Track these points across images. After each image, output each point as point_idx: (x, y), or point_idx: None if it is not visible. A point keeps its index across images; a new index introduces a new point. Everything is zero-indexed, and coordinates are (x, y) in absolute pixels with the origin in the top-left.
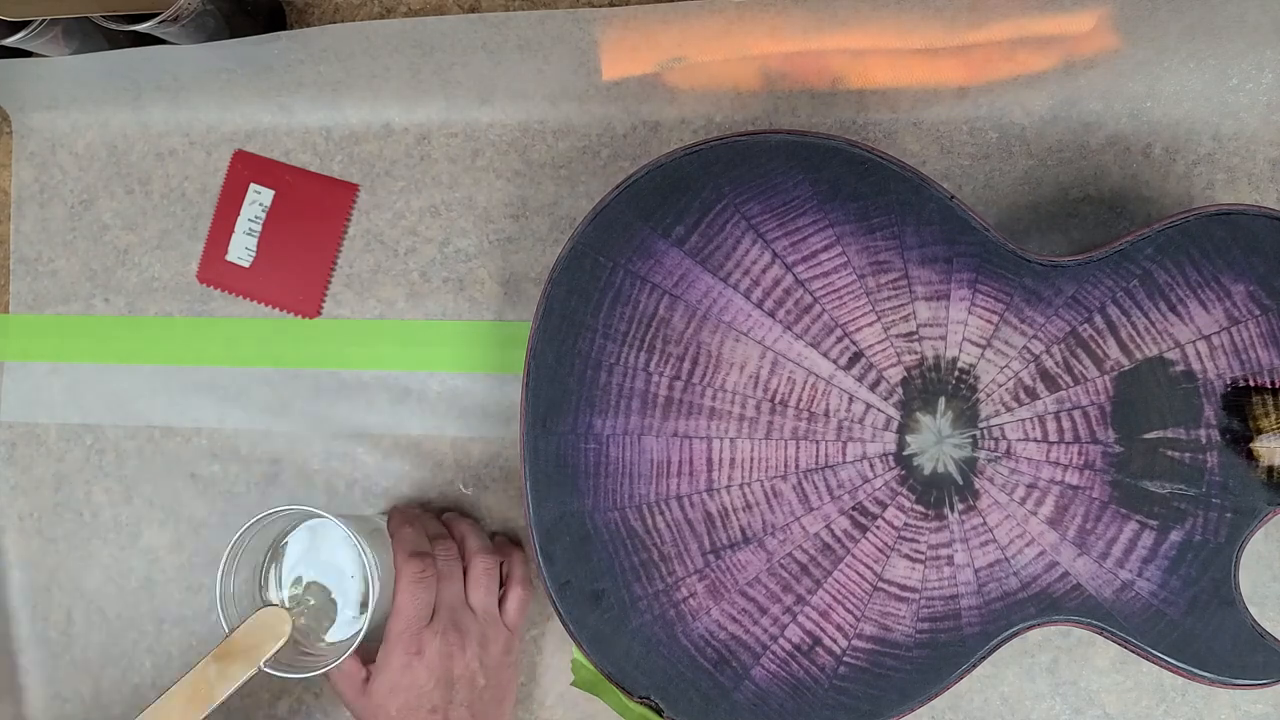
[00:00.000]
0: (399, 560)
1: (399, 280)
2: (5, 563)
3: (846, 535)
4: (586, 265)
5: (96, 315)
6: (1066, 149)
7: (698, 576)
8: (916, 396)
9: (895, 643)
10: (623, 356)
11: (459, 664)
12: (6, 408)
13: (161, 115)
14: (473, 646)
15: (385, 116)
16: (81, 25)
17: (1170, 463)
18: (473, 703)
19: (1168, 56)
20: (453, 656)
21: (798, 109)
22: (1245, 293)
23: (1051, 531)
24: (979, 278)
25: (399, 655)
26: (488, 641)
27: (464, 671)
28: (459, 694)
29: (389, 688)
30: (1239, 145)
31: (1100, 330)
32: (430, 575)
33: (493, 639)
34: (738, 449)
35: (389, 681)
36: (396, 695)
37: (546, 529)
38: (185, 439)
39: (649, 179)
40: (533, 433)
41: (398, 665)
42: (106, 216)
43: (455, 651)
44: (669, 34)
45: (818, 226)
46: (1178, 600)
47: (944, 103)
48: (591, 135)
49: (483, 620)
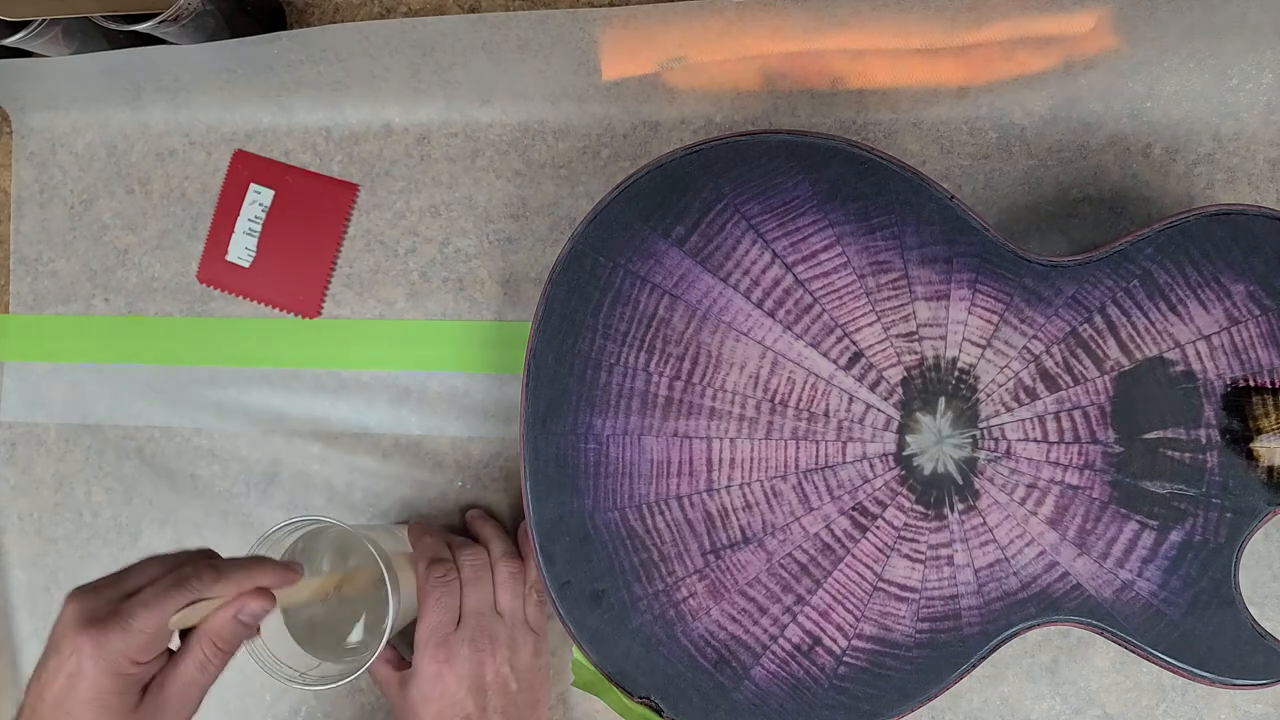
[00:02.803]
0: (420, 568)
1: (399, 280)
2: (5, 563)
3: (846, 535)
4: (586, 265)
5: (96, 315)
6: (1066, 149)
7: (698, 576)
8: (916, 396)
9: (895, 643)
10: (623, 356)
11: (490, 670)
12: (6, 408)
13: (161, 115)
14: (503, 651)
15: (385, 116)
16: (81, 25)
17: (1170, 463)
18: (507, 708)
19: (1168, 56)
20: (484, 663)
21: (798, 109)
22: (1245, 293)
23: (1051, 531)
24: (979, 278)
25: (429, 664)
26: (517, 646)
27: (495, 678)
28: (492, 700)
29: (422, 696)
30: (1239, 145)
31: (1100, 330)
32: (453, 580)
33: (522, 643)
34: (738, 449)
35: (422, 690)
36: (430, 704)
37: (546, 529)
38: (185, 439)
39: (649, 179)
40: (533, 433)
41: (429, 674)
42: (106, 216)
43: (486, 658)
44: (669, 34)
45: (818, 226)
46: (1178, 600)
47: (944, 103)
48: (591, 135)
49: (511, 625)
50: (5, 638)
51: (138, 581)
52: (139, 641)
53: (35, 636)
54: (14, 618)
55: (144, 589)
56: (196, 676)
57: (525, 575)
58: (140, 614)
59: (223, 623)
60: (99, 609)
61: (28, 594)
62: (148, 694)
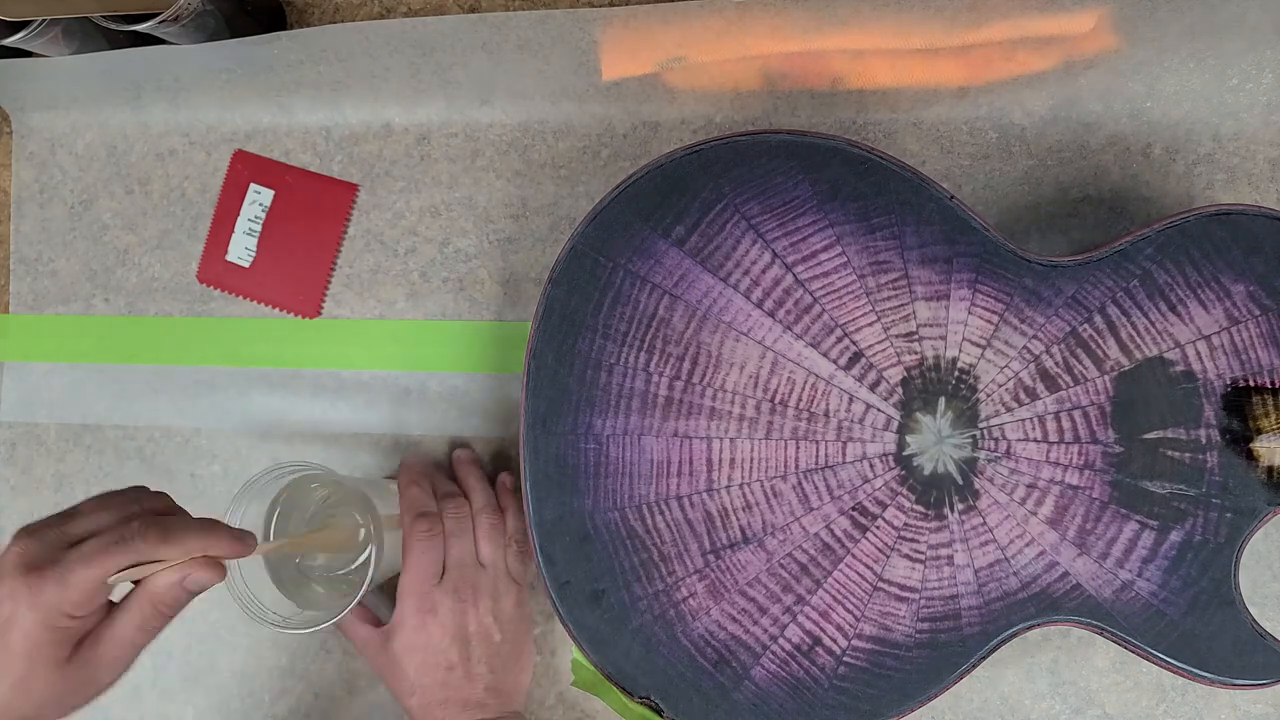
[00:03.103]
0: (406, 520)
1: (399, 280)
2: None
3: (846, 535)
4: (586, 265)
5: (96, 315)
6: (1066, 149)
7: (698, 576)
8: (916, 396)
9: (895, 643)
10: (623, 356)
11: (472, 620)
12: (6, 408)
13: (161, 115)
14: (485, 602)
15: (385, 116)
16: (81, 25)
17: (1170, 463)
18: (490, 658)
19: (1168, 56)
20: (466, 613)
21: (798, 109)
22: (1245, 293)
23: (1051, 531)
24: (979, 278)
25: (412, 615)
26: (500, 596)
27: (478, 628)
28: (475, 649)
29: (405, 647)
30: (1239, 145)
31: (1100, 330)
32: (438, 534)
33: (504, 593)
34: (738, 449)
35: (405, 641)
36: (414, 654)
37: (546, 529)
38: (185, 439)
39: (649, 179)
40: (533, 433)
41: (412, 625)
42: (106, 216)
43: (469, 608)
44: (669, 34)
45: (818, 226)
46: (1178, 600)
47: (944, 103)
48: (591, 135)
49: (494, 575)
50: None
51: (84, 528)
52: (75, 596)
53: None
54: None
55: (87, 541)
56: (133, 637)
57: (505, 526)
58: (78, 569)
59: (167, 587)
60: (39, 555)
61: None
62: (82, 647)
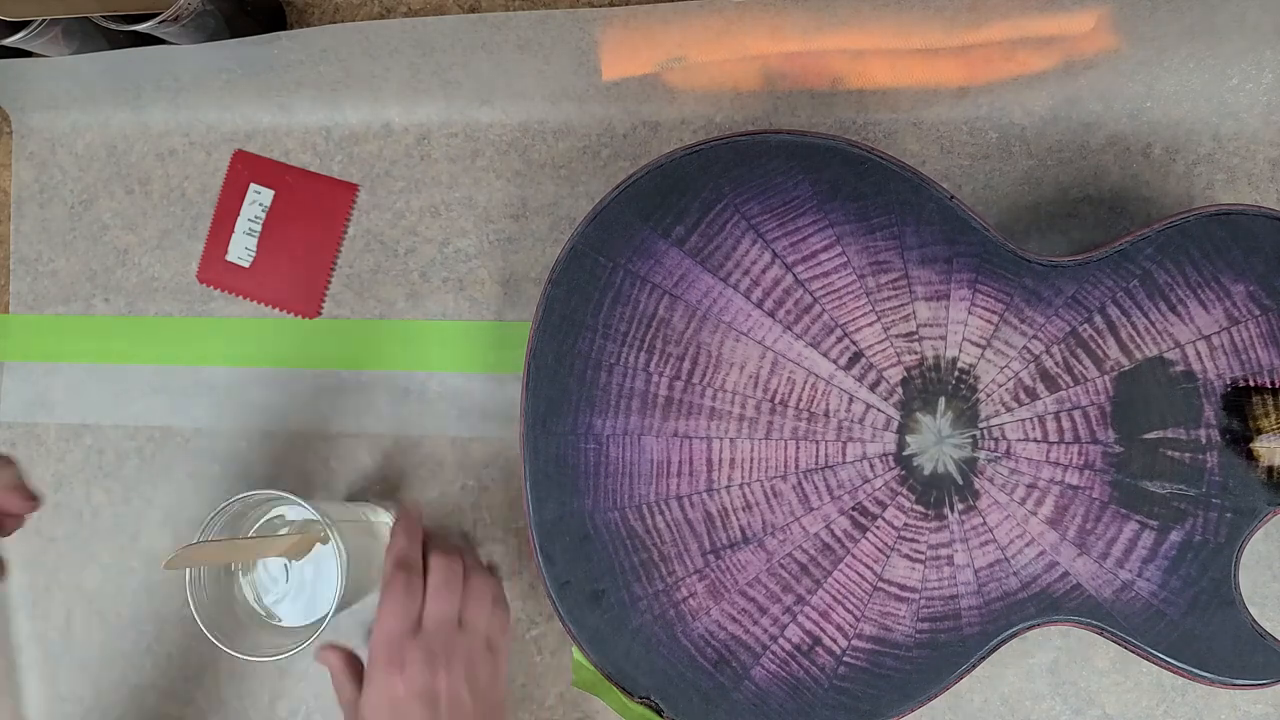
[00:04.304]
0: (387, 568)
1: (399, 280)
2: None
3: (846, 535)
4: (586, 265)
5: (96, 315)
6: (1066, 149)
7: (698, 576)
8: (916, 396)
9: (895, 643)
10: (623, 356)
11: (442, 682)
12: (6, 408)
13: (161, 115)
14: (458, 667)
15: (385, 116)
16: (81, 25)
17: (1170, 463)
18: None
19: (1168, 56)
20: (436, 674)
21: (798, 109)
22: (1245, 293)
23: (1051, 531)
24: (979, 278)
25: (379, 670)
26: (475, 664)
27: (450, 692)
28: (444, 713)
29: (372, 705)
30: (1239, 145)
31: (1100, 330)
32: (416, 587)
33: (480, 661)
34: (738, 449)
35: (372, 699)
36: (379, 713)
37: (546, 529)
38: (185, 439)
39: (649, 179)
40: (533, 433)
41: (379, 681)
42: (106, 216)
43: (440, 669)
44: (669, 34)
45: (818, 226)
46: (1178, 600)
47: (944, 103)
48: (591, 135)
49: (470, 641)
50: (5, 638)
51: None
52: None
53: (35, 637)
54: (13, 618)
55: None
56: None
57: (495, 593)
58: None
59: None
60: None
61: (28, 594)
62: None
